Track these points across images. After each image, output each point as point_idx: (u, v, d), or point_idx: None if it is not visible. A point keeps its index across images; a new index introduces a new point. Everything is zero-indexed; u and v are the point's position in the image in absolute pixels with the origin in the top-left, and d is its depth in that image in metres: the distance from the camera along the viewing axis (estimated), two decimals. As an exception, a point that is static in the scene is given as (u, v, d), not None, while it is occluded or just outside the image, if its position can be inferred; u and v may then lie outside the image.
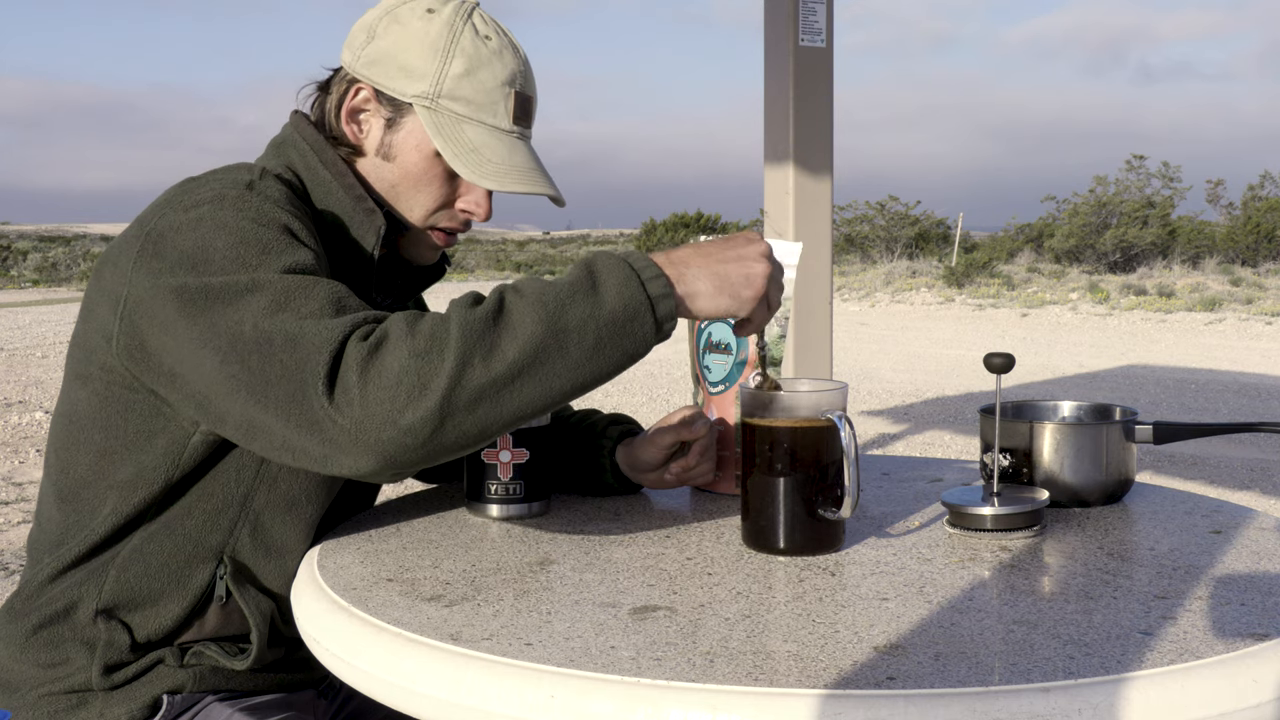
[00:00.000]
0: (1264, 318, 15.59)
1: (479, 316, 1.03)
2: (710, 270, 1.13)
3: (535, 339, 1.03)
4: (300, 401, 1.02)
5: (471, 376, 1.01)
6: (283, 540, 1.30)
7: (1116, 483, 1.43)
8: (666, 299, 1.08)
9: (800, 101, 4.23)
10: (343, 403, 1.01)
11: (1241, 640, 0.95)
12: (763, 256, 1.15)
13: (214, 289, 1.10)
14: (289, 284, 1.09)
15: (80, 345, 1.27)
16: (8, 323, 15.12)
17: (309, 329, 1.04)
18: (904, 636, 0.97)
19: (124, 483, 1.25)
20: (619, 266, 1.08)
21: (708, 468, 1.47)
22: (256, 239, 1.14)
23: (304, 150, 1.34)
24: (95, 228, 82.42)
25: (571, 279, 1.07)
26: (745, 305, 1.14)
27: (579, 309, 1.05)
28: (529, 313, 1.04)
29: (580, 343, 1.05)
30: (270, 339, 1.05)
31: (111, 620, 1.27)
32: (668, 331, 1.10)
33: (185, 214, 1.17)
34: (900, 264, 25.69)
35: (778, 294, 1.19)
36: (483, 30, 1.33)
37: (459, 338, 1.01)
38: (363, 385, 1.00)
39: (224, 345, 1.07)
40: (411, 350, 1.01)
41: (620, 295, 1.06)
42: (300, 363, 1.03)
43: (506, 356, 1.02)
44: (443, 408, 1.00)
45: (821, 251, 4.33)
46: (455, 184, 1.37)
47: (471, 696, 0.92)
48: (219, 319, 1.09)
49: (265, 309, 1.07)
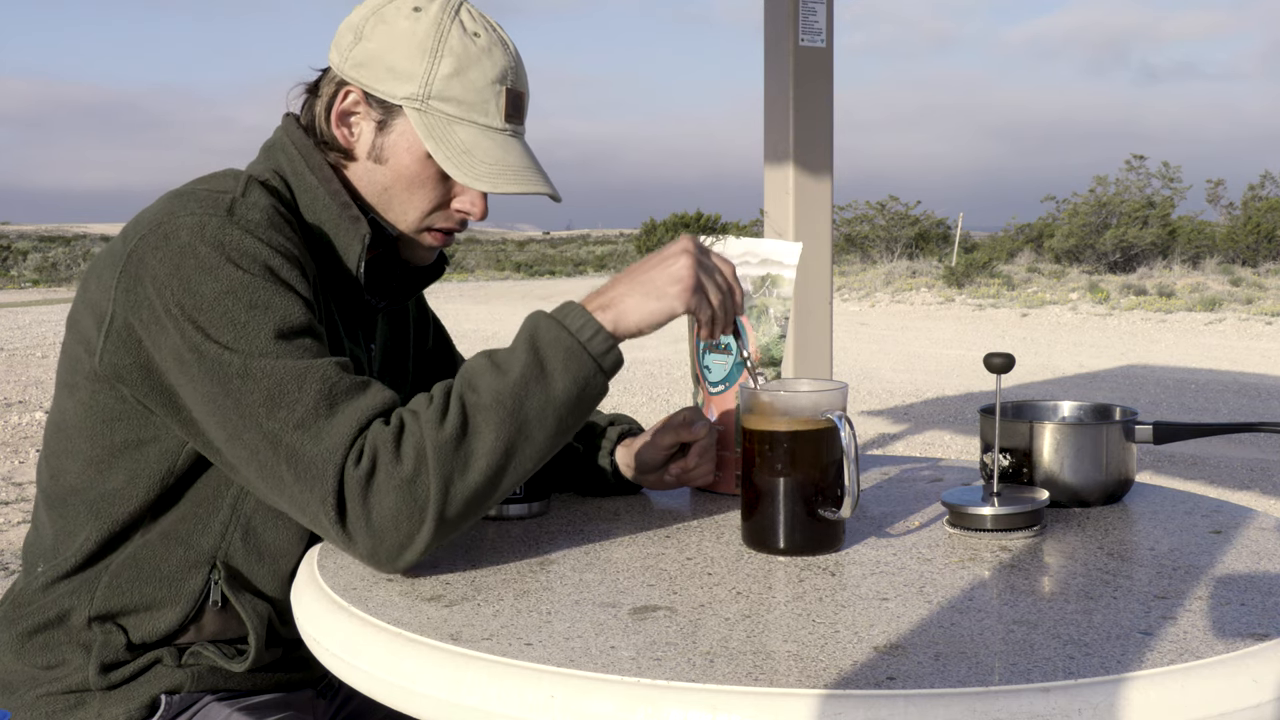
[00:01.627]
0: (1264, 318, 15.58)
1: (448, 436, 1.11)
2: (634, 284, 1.20)
3: (503, 441, 1.12)
4: (314, 518, 1.13)
5: (455, 492, 1.11)
6: (275, 543, 1.30)
7: (1116, 483, 1.43)
8: (610, 352, 1.16)
9: (800, 101, 4.23)
10: (353, 532, 1.12)
11: (1241, 640, 0.95)
12: (682, 252, 1.20)
13: (208, 359, 1.14)
14: (280, 373, 1.13)
15: (66, 355, 1.28)
16: (8, 323, 15.12)
17: (308, 449, 1.11)
18: (904, 636, 0.97)
19: (114, 491, 1.25)
20: (560, 339, 1.15)
21: (707, 468, 1.47)
22: (244, 290, 1.16)
23: (292, 155, 1.33)
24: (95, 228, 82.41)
25: (520, 367, 1.13)
26: (677, 300, 1.19)
27: (535, 400, 1.13)
28: (491, 417, 1.12)
29: (542, 427, 1.14)
30: (274, 445, 1.12)
31: (107, 624, 1.27)
32: (616, 372, 1.18)
33: (167, 241, 1.18)
34: (900, 264, 25.69)
35: (716, 278, 1.22)
36: (471, 27, 1.31)
37: (436, 461, 1.10)
38: (367, 517, 1.11)
39: (229, 426, 1.14)
40: (401, 479, 1.10)
41: (568, 372, 1.14)
42: (308, 486, 1.11)
43: (481, 465, 1.12)
44: (438, 524, 1.11)
45: (821, 251, 4.33)
46: (449, 184, 1.36)
47: (471, 696, 0.92)
48: (216, 395, 1.14)
49: (261, 403, 1.13)
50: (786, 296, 1.44)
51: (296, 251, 1.24)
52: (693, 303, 1.19)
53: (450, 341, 1.68)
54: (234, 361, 1.13)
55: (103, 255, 1.24)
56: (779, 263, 1.44)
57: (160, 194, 1.28)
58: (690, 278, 1.19)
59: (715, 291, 1.21)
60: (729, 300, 1.23)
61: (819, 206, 4.34)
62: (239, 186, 1.25)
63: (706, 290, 1.20)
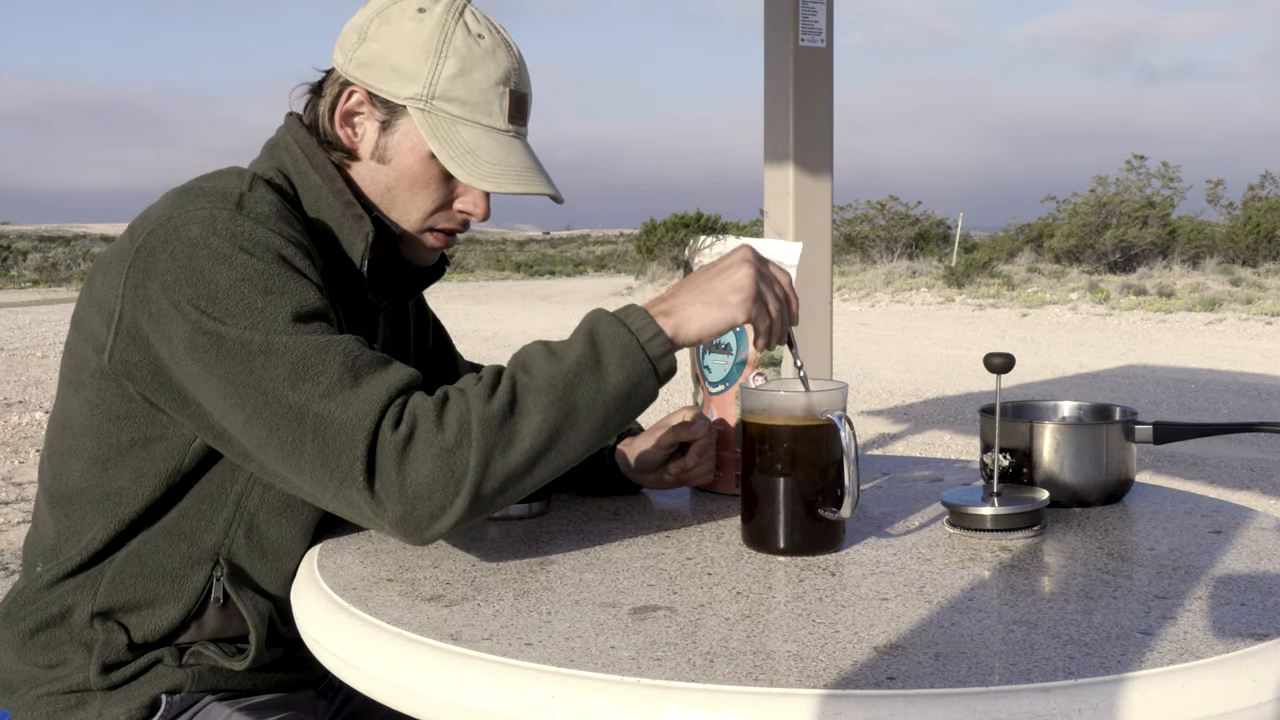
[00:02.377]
0: (1264, 318, 15.58)
1: (495, 411, 1.09)
2: (696, 292, 1.19)
3: (549, 425, 1.10)
4: (338, 487, 1.10)
5: (495, 469, 1.09)
6: (279, 542, 1.30)
7: (1116, 483, 1.43)
8: (666, 357, 1.15)
9: (800, 101, 4.23)
10: (384, 497, 1.09)
11: (1241, 640, 0.95)
12: (743, 261, 1.20)
13: (228, 342, 1.13)
14: (303, 348, 1.12)
15: (71, 353, 1.27)
16: (8, 323, 15.12)
17: (336, 415, 1.09)
18: (904, 636, 0.97)
19: (119, 489, 1.25)
20: (620, 335, 1.14)
21: (707, 468, 1.47)
22: (258, 276, 1.15)
23: (295, 154, 1.34)
24: (95, 228, 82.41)
25: (576, 356, 1.12)
26: (739, 309, 1.18)
27: (587, 388, 1.12)
28: (541, 399, 1.10)
29: (590, 418, 1.12)
30: (299, 416, 1.10)
31: (108, 622, 1.27)
32: (669, 379, 1.17)
33: (177, 235, 1.17)
34: (900, 264, 25.68)
35: (777, 288, 1.22)
36: (475, 29, 1.32)
37: (480, 434, 1.08)
38: (401, 483, 1.08)
39: (247, 406, 1.12)
40: (441, 447, 1.08)
41: (623, 368, 1.13)
42: (335, 452, 1.09)
43: (524, 445, 1.10)
44: (473, 499, 1.09)
45: (821, 251, 4.33)
46: (452, 185, 1.36)
47: (471, 696, 0.92)
48: (236, 375, 1.13)
49: (286, 378, 1.11)
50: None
51: (305, 242, 1.24)
52: (753, 312, 1.19)
53: (450, 341, 1.68)
54: (255, 339, 1.13)
55: (109, 253, 1.24)
56: (779, 263, 1.44)
57: (162, 193, 1.28)
58: (751, 287, 1.19)
59: (774, 301, 1.21)
60: (785, 310, 1.23)
61: (819, 206, 4.34)
62: (245, 183, 1.26)
63: (766, 300, 1.20)
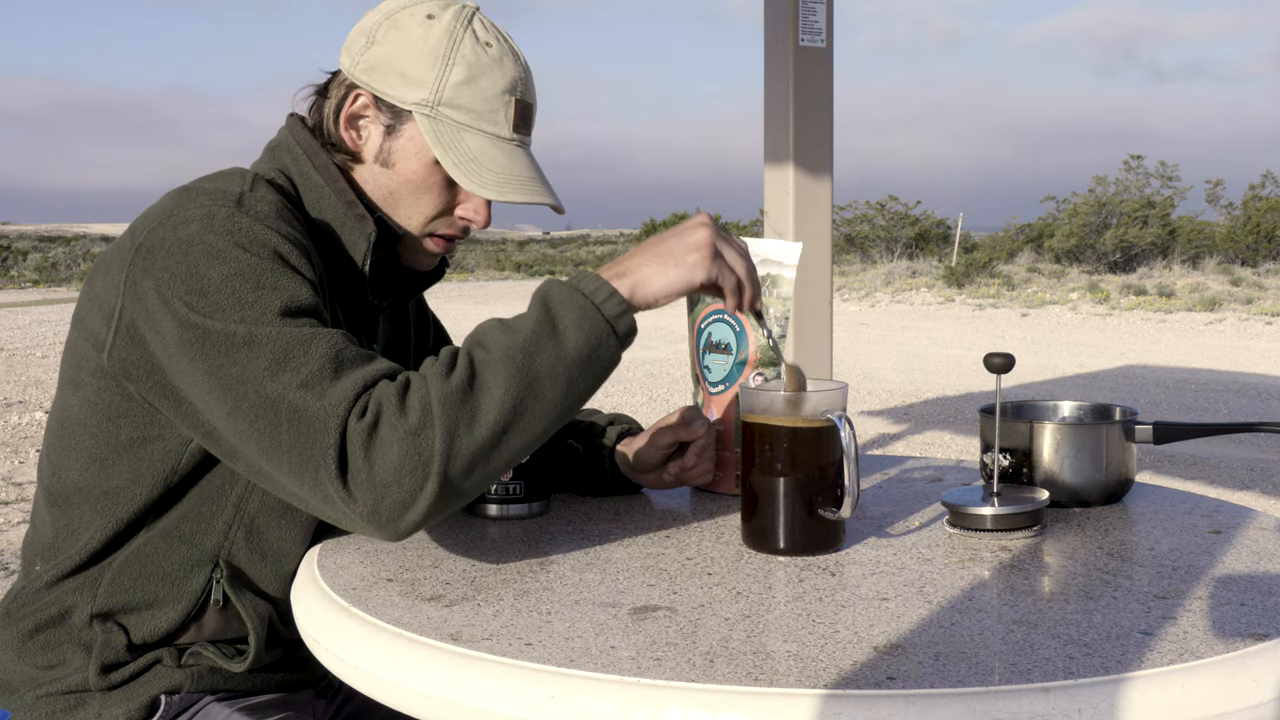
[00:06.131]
0: (1264, 318, 15.58)
1: (454, 388, 1.08)
2: (652, 254, 1.18)
3: (511, 396, 1.08)
4: (313, 478, 1.09)
5: (460, 447, 1.07)
6: (278, 543, 1.30)
7: (1116, 483, 1.43)
8: (624, 316, 1.14)
9: (800, 101, 4.23)
10: (354, 488, 1.07)
11: (1241, 640, 0.95)
12: (700, 225, 1.20)
13: (213, 335, 1.12)
14: (286, 339, 1.12)
15: (72, 352, 1.27)
16: (8, 323, 15.12)
17: (311, 405, 1.09)
18: (904, 636, 0.97)
19: (117, 489, 1.25)
20: (573, 298, 1.13)
21: (706, 468, 1.47)
22: (251, 272, 1.15)
23: (297, 154, 1.34)
24: (95, 228, 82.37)
25: (532, 324, 1.11)
26: (698, 268, 1.18)
27: (545, 355, 1.10)
28: (500, 371, 1.09)
29: (553, 385, 1.10)
30: (275, 406, 1.09)
31: (108, 623, 1.27)
32: (629, 342, 1.15)
33: (175, 233, 1.17)
34: (900, 264, 25.69)
35: (735, 245, 1.21)
36: (483, 37, 1.32)
37: (441, 413, 1.07)
38: (369, 470, 1.07)
39: (229, 398, 1.12)
40: (405, 431, 1.07)
41: (580, 330, 1.11)
42: (309, 442, 1.08)
43: (488, 420, 1.08)
44: (443, 482, 1.07)
45: (821, 251, 4.33)
46: (454, 191, 1.36)
47: (471, 696, 0.92)
48: (220, 367, 1.12)
49: (266, 368, 1.11)
50: (786, 296, 1.44)
51: (305, 242, 1.24)
52: (713, 270, 1.18)
53: (451, 342, 1.68)
54: (239, 331, 1.12)
55: (109, 252, 1.25)
56: (779, 263, 1.44)
57: (164, 193, 1.29)
58: (709, 246, 1.18)
59: (739, 259, 1.20)
60: (752, 269, 1.21)
61: (819, 206, 4.34)
62: (246, 183, 1.26)
63: (725, 257, 1.19)
